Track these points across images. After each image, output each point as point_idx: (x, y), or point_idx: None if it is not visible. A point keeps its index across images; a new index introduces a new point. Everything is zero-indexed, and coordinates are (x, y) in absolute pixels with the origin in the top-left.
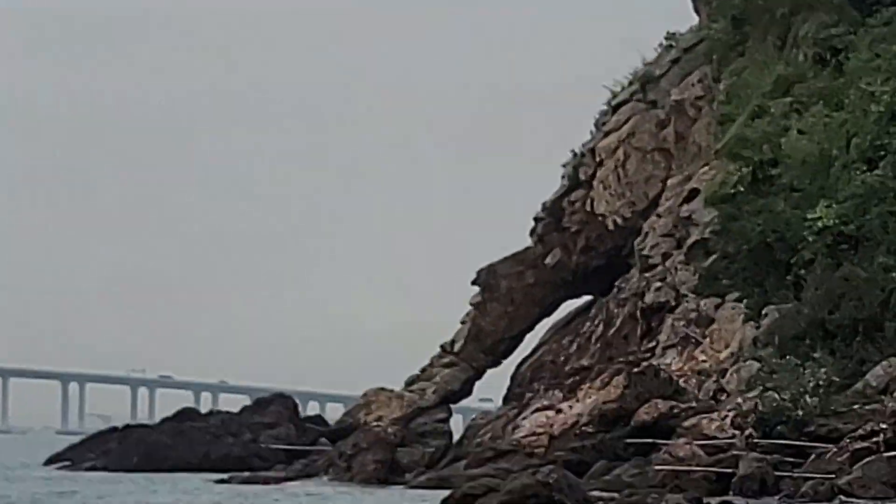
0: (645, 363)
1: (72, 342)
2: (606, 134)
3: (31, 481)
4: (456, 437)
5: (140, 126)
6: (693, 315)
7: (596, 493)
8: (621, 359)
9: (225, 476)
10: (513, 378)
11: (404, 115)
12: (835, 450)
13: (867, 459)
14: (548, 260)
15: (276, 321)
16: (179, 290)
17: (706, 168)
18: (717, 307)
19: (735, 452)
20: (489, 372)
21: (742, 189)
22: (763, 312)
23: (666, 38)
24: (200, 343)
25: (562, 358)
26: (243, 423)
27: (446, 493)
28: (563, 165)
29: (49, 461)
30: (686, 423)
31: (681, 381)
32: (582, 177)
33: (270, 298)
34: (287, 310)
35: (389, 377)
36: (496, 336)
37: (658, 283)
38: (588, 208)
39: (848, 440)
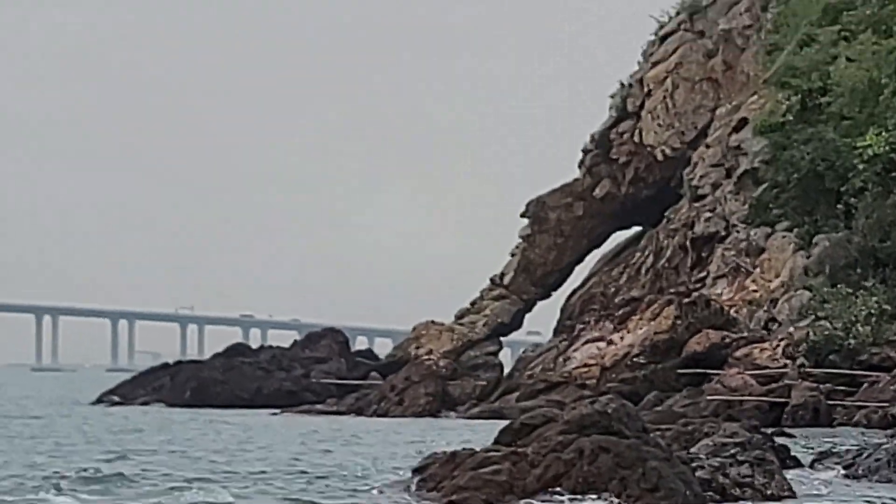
0: (696, 293)
1: (121, 280)
2: (654, 64)
3: (85, 417)
4: (506, 369)
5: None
6: (743, 245)
7: (652, 425)
8: (672, 289)
9: (277, 411)
10: (563, 310)
11: (449, 47)
12: (888, 378)
13: None
14: (597, 191)
15: (324, 256)
16: (227, 228)
17: (755, 97)
18: (767, 237)
19: (787, 382)
20: (538, 304)
21: (791, 118)
22: (813, 241)
23: None
24: (249, 280)
25: (612, 289)
26: (294, 357)
27: (500, 423)
28: (611, 96)
29: (101, 398)
30: (738, 353)
31: (732, 311)
32: (630, 108)
33: (318, 233)
34: (335, 244)
35: (439, 311)
36: (546, 268)
37: (708, 214)
38: (636, 139)
39: None
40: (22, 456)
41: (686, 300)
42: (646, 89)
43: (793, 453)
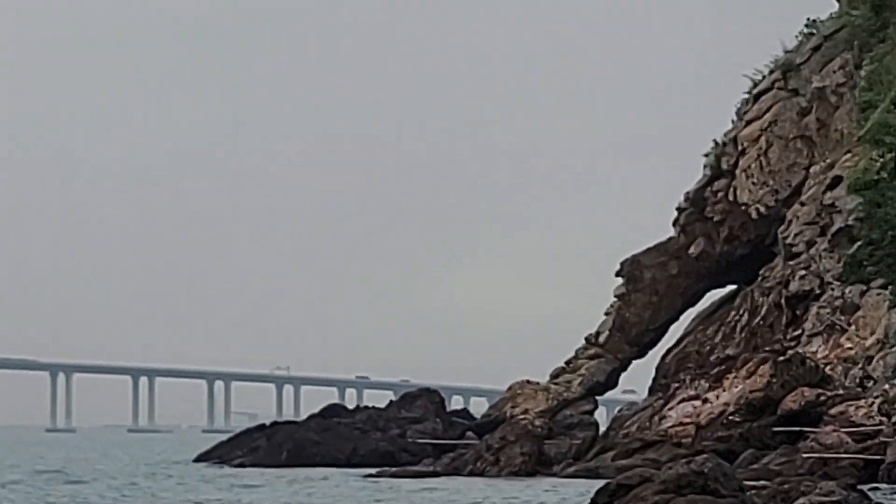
0: (791, 351)
1: (217, 341)
2: (748, 123)
3: (188, 478)
4: (602, 428)
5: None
6: (838, 303)
7: (748, 483)
8: (767, 347)
9: (373, 471)
10: (658, 369)
11: (539, 106)
12: None
13: None
14: (691, 250)
15: (419, 317)
16: (323, 287)
17: (849, 155)
18: (862, 294)
19: (883, 439)
20: (633, 363)
21: (885, 175)
22: None
23: (806, 26)
24: (344, 339)
25: (707, 348)
26: (390, 418)
27: (596, 483)
28: (705, 155)
29: (199, 458)
30: (833, 411)
31: (827, 368)
32: (724, 166)
33: (413, 294)
34: (429, 305)
35: (533, 370)
36: (641, 327)
37: (802, 272)
38: (731, 197)
39: None
40: None
41: (781, 358)
42: (740, 148)
43: None
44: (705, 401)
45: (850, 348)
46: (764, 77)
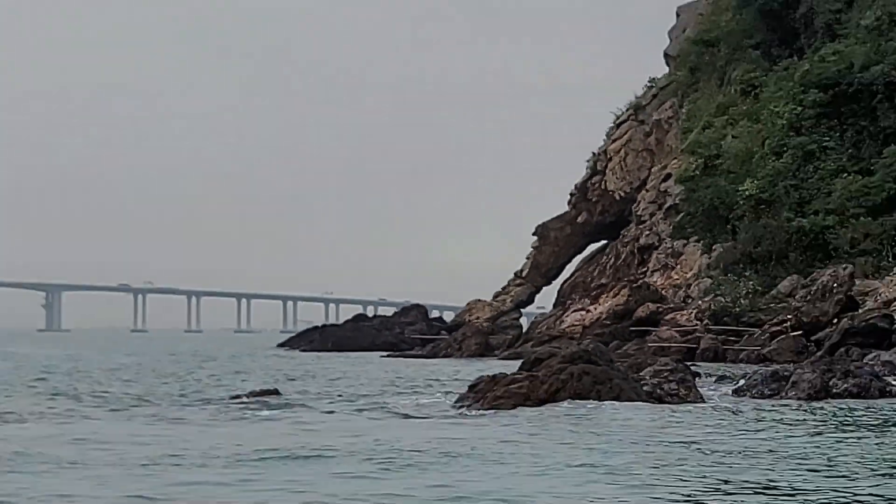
0: (640, 281)
1: (289, 272)
2: (613, 141)
3: (273, 358)
4: (524, 329)
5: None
6: (669, 251)
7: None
8: (626, 279)
9: (385, 354)
10: (559, 293)
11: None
12: (759, 332)
13: (779, 337)
14: (579, 219)
15: (416, 262)
16: (357, 232)
17: (675, 161)
18: (684, 246)
19: (698, 335)
20: (544, 289)
21: (698, 173)
22: (713, 248)
23: (649, 82)
24: (369, 274)
25: (589, 279)
26: (394, 322)
27: (521, 360)
28: (587, 161)
29: (279, 346)
30: (667, 318)
31: (663, 291)
32: (598, 167)
33: (409, 245)
34: (424, 250)
35: (484, 293)
36: (548, 266)
37: (647, 232)
38: (603, 187)
39: (767, 326)
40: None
41: (635, 285)
42: (609, 156)
43: (702, 376)
44: (588, 311)
45: (678, 279)
46: (623, 112)
